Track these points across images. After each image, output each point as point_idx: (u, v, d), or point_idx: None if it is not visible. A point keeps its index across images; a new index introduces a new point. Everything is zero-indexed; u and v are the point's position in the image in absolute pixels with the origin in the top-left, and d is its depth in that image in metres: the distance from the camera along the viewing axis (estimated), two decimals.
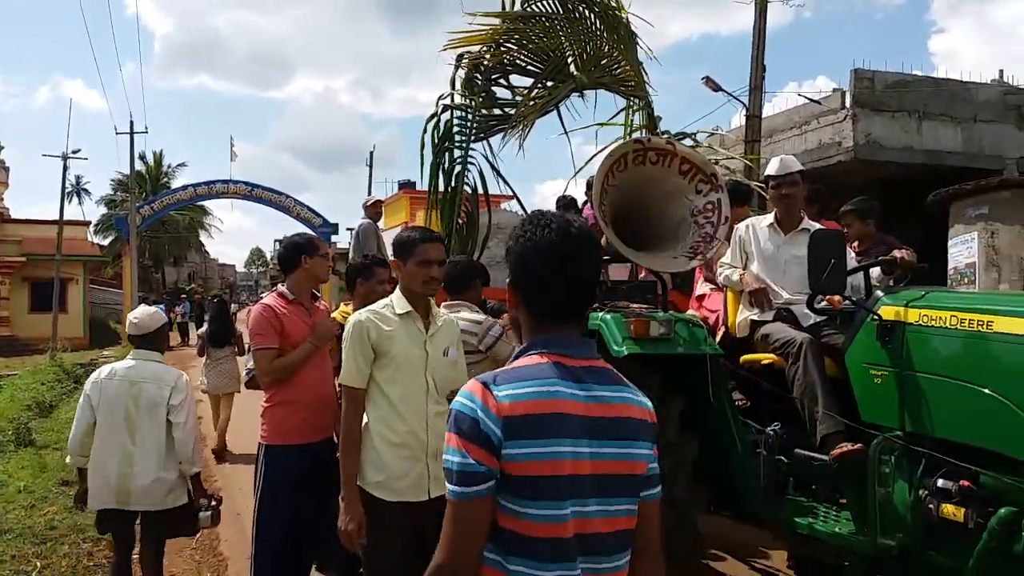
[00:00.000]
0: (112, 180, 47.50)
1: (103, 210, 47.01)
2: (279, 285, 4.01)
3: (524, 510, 1.48)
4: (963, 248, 10.00)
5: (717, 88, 13.87)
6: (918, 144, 13.16)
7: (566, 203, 7.18)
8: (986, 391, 2.79)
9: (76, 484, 6.15)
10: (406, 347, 2.99)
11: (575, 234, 1.61)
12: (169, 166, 49.56)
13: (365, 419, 3.01)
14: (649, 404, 1.68)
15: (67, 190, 32.31)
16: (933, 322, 3.06)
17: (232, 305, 16.07)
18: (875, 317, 3.26)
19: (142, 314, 4.06)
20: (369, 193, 31.10)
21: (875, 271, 4.00)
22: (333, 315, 4.33)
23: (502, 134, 6.83)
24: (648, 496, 1.64)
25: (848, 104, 13.16)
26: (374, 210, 8.87)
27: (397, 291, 3.12)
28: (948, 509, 2.81)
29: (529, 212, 1.78)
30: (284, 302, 3.80)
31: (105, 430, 3.82)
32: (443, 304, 3.97)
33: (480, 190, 6.83)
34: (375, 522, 2.93)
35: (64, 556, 4.85)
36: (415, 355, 3.01)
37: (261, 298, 4.42)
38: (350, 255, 7.97)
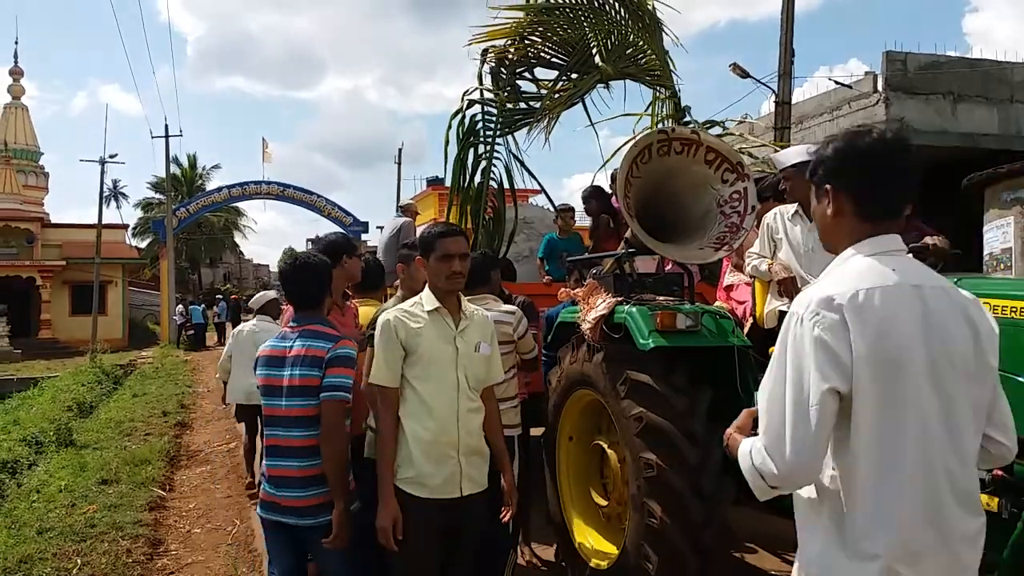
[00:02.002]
0: (148, 183, 48.34)
1: (140, 213, 47.89)
2: None
3: (264, 401, 3.15)
4: (998, 233, 9.78)
5: (745, 75, 13.70)
6: (953, 127, 12.89)
7: (591, 192, 7.18)
8: (1021, 379, 2.73)
9: (114, 484, 6.39)
10: (435, 343, 2.99)
11: (303, 264, 3.24)
12: (203, 168, 50.34)
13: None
14: (323, 345, 3.05)
15: (105, 194, 32.98)
16: None
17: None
18: None
19: (256, 297, 7.56)
20: (399, 190, 31.35)
21: None
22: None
23: (528, 128, 6.82)
24: (326, 396, 3.00)
25: (880, 88, 12.93)
26: (412, 210, 8.98)
27: (427, 288, 3.12)
28: (982, 499, 2.75)
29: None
30: None
31: (240, 361, 6.80)
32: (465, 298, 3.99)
33: (506, 185, 6.82)
34: (408, 518, 2.93)
35: (104, 553, 4.95)
36: (445, 351, 3.01)
37: None
38: (379, 252, 8.00)
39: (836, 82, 14.16)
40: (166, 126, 30.57)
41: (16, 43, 50.53)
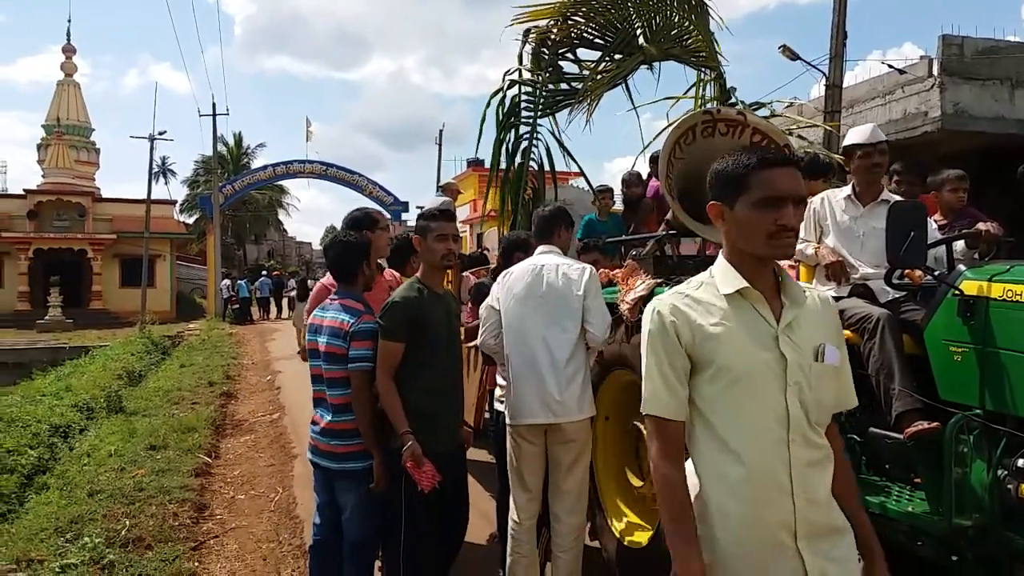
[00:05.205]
0: (195, 161, 49.23)
1: (187, 190, 48.82)
2: None
3: (310, 362, 3.60)
4: None
5: (795, 57, 13.42)
6: (1010, 113, 12.47)
7: (628, 179, 7.17)
8: None
9: (162, 449, 6.56)
10: (744, 349, 1.84)
11: (338, 242, 3.62)
12: (248, 147, 51.05)
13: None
14: (346, 319, 3.40)
15: (154, 170, 33.59)
16: (1018, 297, 2.93)
17: (308, 281, 17.38)
18: (956, 292, 3.13)
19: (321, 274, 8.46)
20: (439, 171, 31.46)
21: (959, 245, 3.83)
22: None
23: (569, 109, 6.78)
24: (352, 367, 3.34)
25: (936, 72, 12.55)
26: (453, 189, 9.06)
27: (720, 259, 2.02)
28: None
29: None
30: None
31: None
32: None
33: (546, 166, 6.81)
34: None
35: (151, 516, 5.11)
36: (762, 361, 1.83)
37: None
38: None
39: (889, 66, 13.77)
40: (213, 104, 31.07)
41: (69, 21, 51.82)
